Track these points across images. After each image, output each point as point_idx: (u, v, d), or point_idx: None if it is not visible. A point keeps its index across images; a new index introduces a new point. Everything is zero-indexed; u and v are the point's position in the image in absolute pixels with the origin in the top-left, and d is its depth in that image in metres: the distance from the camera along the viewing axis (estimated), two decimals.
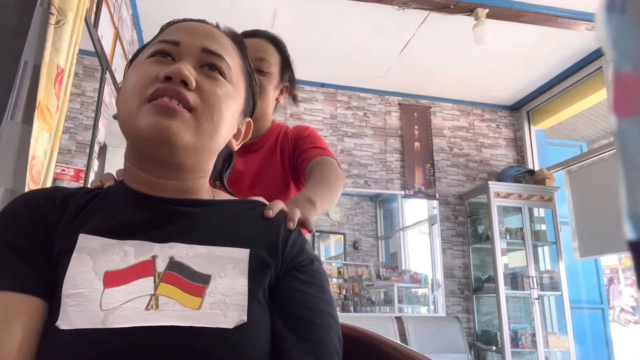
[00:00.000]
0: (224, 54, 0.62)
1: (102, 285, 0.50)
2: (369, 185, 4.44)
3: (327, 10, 3.46)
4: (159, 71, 0.57)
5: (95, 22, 2.46)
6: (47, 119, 1.50)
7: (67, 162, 2.41)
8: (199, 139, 0.58)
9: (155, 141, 0.55)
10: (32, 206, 0.56)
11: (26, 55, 1.46)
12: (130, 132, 0.58)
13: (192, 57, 0.60)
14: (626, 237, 0.23)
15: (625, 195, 0.23)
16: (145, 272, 0.52)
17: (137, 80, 0.58)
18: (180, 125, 0.55)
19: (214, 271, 0.53)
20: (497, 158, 4.81)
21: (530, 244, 4.15)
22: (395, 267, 4.74)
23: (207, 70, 0.60)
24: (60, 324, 0.47)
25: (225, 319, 0.49)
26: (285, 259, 0.58)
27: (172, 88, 0.56)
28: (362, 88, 4.65)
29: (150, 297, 0.50)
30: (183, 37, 0.61)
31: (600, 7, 0.24)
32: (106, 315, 0.47)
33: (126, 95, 0.58)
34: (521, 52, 3.93)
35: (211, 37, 0.63)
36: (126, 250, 0.53)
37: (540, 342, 3.92)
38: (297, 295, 0.56)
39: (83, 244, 0.53)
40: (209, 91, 0.59)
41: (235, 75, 0.63)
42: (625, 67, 0.23)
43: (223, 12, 3.41)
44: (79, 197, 0.59)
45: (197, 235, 0.56)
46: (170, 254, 0.54)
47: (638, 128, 0.22)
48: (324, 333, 0.54)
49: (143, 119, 0.55)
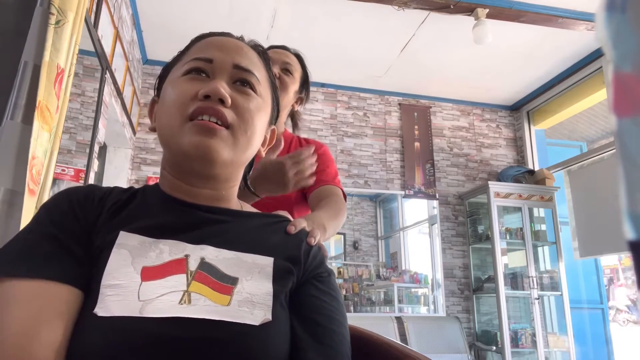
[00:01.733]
0: (253, 68, 0.67)
1: (140, 279, 0.54)
2: (369, 185, 4.44)
3: (327, 11, 3.46)
4: (196, 89, 0.62)
5: (95, 22, 2.46)
6: (47, 119, 1.50)
7: (67, 162, 2.41)
8: (235, 154, 0.63)
9: (197, 158, 0.60)
10: (74, 202, 0.60)
11: (26, 55, 1.46)
12: (172, 147, 0.63)
13: (225, 73, 0.64)
14: (626, 237, 0.23)
15: (625, 195, 0.23)
16: (179, 269, 0.56)
17: (177, 98, 0.62)
18: (219, 142, 0.60)
19: (241, 274, 0.57)
20: (497, 158, 4.81)
21: (530, 244, 4.15)
22: (395, 267, 4.74)
23: (239, 86, 0.65)
24: (98, 310, 0.50)
25: (252, 316, 0.53)
26: (307, 269, 0.62)
27: (211, 107, 0.60)
28: (362, 88, 4.65)
29: (183, 293, 0.53)
30: (215, 54, 0.65)
31: (600, 7, 0.24)
32: (143, 305, 0.51)
33: (167, 111, 0.63)
34: (521, 52, 3.93)
35: (240, 52, 0.67)
36: (161, 249, 0.57)
37: (540, 342, 3.92)
38: (316, 302, 0.60)
39: (122, 240, 0.57)
40: (243, 106, 0.63)
41: (263, 88, 0.68)
42: (625, 67, 0.23)
43: (223, 12, 3.40)
44: (115, 196, 0.63)
45: (226, 241, 0.61)
46: (201, 254, 0.58)
47: (638, 128, 0.22)
48: (339, 340, 0.58)
49: (186, 137, 0.60)
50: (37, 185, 1.47)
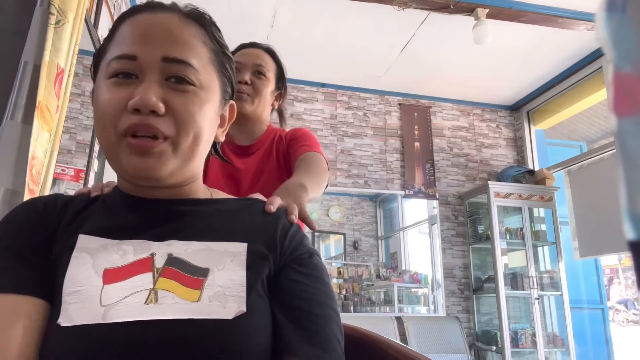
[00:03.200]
0: (189, 55, 0.58)
1: (102, 282, 0.51)
2: (369, 185, 4.44)
3: (327, 10, 3.45)
4: (125, 96, 0.55)
5: (95, 22, 2.46)
6: (47, 119, 1.50)
7: (67, 162, 2.41)
8: (181, 160, 0.58)
9: (138, 178, 0.57)
10: (30, 213, 0.58)
11: (26, 55, 1.46)
12: (114, 164, 0.58)
13: (155, 70, 0.56)
14: (626, 237, 0.23)
15: (625, 195, 0.23)
16: (144, 268, 0.53)
17: (107, 109, 0.56)
18: (157, 161, 0.55)
19: (212, 264, 0.54)
20: (497, 158, 4.81)
21: (530, 244, 4.15)
22: (395, 267, 4.74)
23: (174, 84, 0.57)
24: (61, 321, 0.48)
25: (224, 310, 0.50)
26: (284, 252, 0.59)
27: (144, 124, 0.54)
28: (362, 88, 4.65)
29: (149, 292, 0.51)
30: (139, 48, 0.56)
31: (600, 7, 0.24)
32: (106, 311, 0.48)
33: (100, 124, 0.57)
34: (521, 52, 3.93)
35: (170, 37, 0.57)
36: (125, 249, 0.55)
37: (540, 342, 3.92)
38: (296, 287, 0.57)
39: (82, 243, 0.55)
40: (180, 110, 0.56)
41: (205, 73, 0.60)
42: (625, 67, 0.23)
43: (223, 12, 3.41)
44: (77, 203, 0.61)
45: (195, 233, 0.58)
46: (168, 251, 0.55)
47: (638, 128, 0.22)
48: (324, 323, 0.55)
49: (123, 159, 0.56)
50: (37, 185, 1.47)
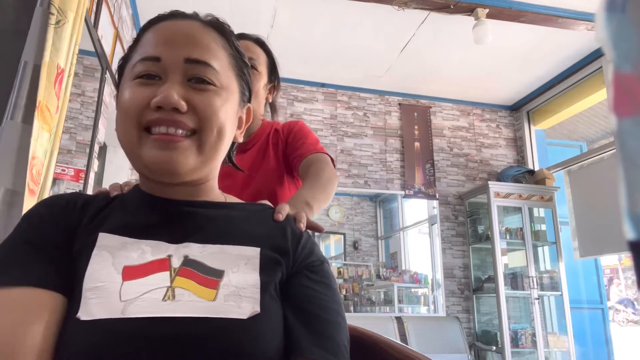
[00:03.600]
0: (209, 58, 0.61)
1: (121, 279, 0.52)
2: (369, 185, 4.44)
3: (327, 10, 3.46)
4: (148, 95, 0.57)
5: (95, 22, 2.46)
6: (47, 119, 1.50)
7: (67, 162, 2.41)
8: (203, 157, 0.60)
9: (160, 172, 0.59)
10: (54, 209, 0.59)
11: (26, 55, 1.46)
12: (134, 161, 0.61)
13: (177, 72, 0.59)
14: (626, 237, 0.23)
15: (625, 195, 0.23)
16: (162, 267, 0.55)
17: (130, 107, 0.58)
18: (179, 155, 0.57)
19: (227, 267, 0.56)
20: (497, 158, 4.81)
21: (530, 244, 4.15)
22: (395, 267, 4.74)
23: (195, 84, 0.59)
24: (81, 315, 0.49)
25: (239, 309, 0.51)
26: (297, 259, 0.61)
27: (167, 118, 0.57)
28: (362, 88, 4.65)
29: (167, 289, 0.52)
30: (163, 50, 0.59)
31: (600, 7, 0.24)
32: (125, 306, 0.50)
33: (122, 122, 0.60)
34: (521, 52, 3.93)
35: (192, 41, 0.60)
36: (144, 249, 0.56)
37: (540, 342, 3.92)
38: (308, 292, 0.58)
39: (103, 241, 0.56)
40: (203, 107, 0.59)
41: (225, 76, 0.62)
42: (625, 67, 0.23)
43: (223, 12, 3.40)
44: (97, 202, 0.63)
45: (210, 235, 0.59)
46: (184, 253, 0.57)
47: (638, 128, 0.22)
48: (334, 329, 0.56)
49: (145, 153, 0.58)
50: (37, 185, 1.47)
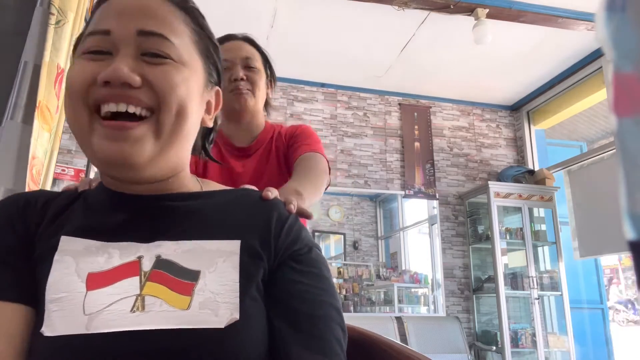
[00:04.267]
0: (165, 30, 0.54)
1: (85, 288, 0.48)
2: (369, 185, 4.44)
3: (327, 10, 3.45)
4: (95, 70, 0.51)
5: None
6: (47, 119, 1.50)
7: (67, 162, 2.41)
8: (162, 142, 0.53)
9: (111, 166, 0.52)
10: (11, 211, 0.54)
11: (26, 55, 1.46)
12: (87, 152, 0.53)
13: (129, 45, 0.52)
14: (626, 237, 0.23)
15: (625, 195, 0.23)
16: (131, 272, 0.50)
17: (74, 83, 0.52)
18: (133, 145, 0.50)
19: (203, 266, 0.51)
20: (497, 158, 4.81)
21: (530, 244, 4.15)
22: (395, 267, 4.74)
23: (149, 58, 0.53)
24: (44, 330, 0.46)
25: (216, 318, 0.47)
26: (280, 248, 0.55)
27: (116, 93, 0.50)
28: (362, 88, 4.65)
29: (135, 298, 0.48)
30: (113, 23, 0.53)
31: (600, 6, 0.24)
32: (90, 320, 0.46)
33: (69, 101, 0.52)
34: (521, 52, 3.93)
35: (146, 12, 0.54)
36: (111, 253, 0.51)
37: (540, 342, 3.92)
38: (294, 287, 0.53)
39: (65, 246, 0.51)
40: (159, 80, 0.52)
41: (185, 51, 0.56)
42: (625, 67, 0.23)
43: (223, 12, 3.41)
44: (60, 200, 0.57)
45: (184, 230, 0.54)
46: (156, 252, 0.52)
47: (638, 128, 0.22)
48: (325, 326, 0.52)
49: (95, 143, 0.51)
50: (37, 185, 1.47)
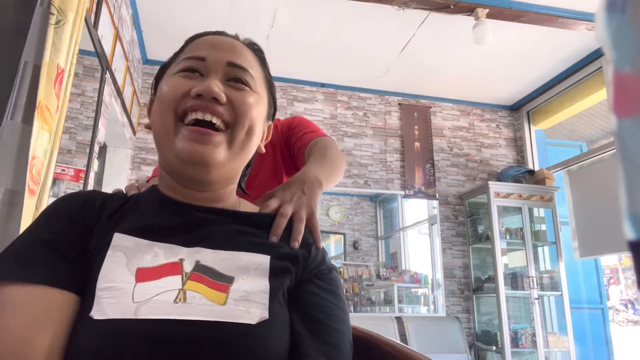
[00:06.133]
0: (247, 66, 0.66)
1: (135, 280, 0.53)
2: (369, 185, 4.44)
3: (327, 11, 3.46)
4: (189, 86, 0.61)
5: (95, 22, 2.46)
6: (47, 119, 1.50)
7: (67, 162, 2.41)
8: (233, 152, 0.63)
9: (191, 164, 0.60)
10: (72, 208, 0.60)
11: (26, 55, 1.46)
12: (166, 151, 0.62)
13: (219, 71, 0.64)
14: (626, 237, 0.23)
15: (625, 195, 0.23)
16: (174, 271, 0.56)
17: (169, 95, 0.61)
18: (213, 148, 0.60)
19: (237, 273, 0.57)
20: (497, 158, 4.81)
21: (530, 244, 4.15)
22: (395, 267, 4.74)
23: (233, 83, 0.64)
24: (94, 314, 0.50)
25: (248, 315, 0.52)
26: (308, 267, 0.62)
27: (204, 105, 0.60)
28: (362, 88, 4.65)
29: (178, 291, 0.53)
30: (208, 52, 0.64)
31: (600, 7, 0.24)
32: (138, 307, 0.50)
33: (160, 109, 0.62)
34: (521, 52, 3.93)
35: (234, 50, 0.67)
36: (157, 252, 0.57)
37: (540, 342, 3.92)
38: (316, 300, 0.60)
39: (117, 242, 0.57)
40: (239, 101, 0.63)
41: (259, 86, 0.68)
42: (625, 67, 0.23)
43: (223, 12, 3.40)
44: (114, 201, 0.64)
45: (222, 242, 0.60)
46: (196, 257, 0.58)
47: (638, 128, 0.22)
48: (339, 338, 0.57)
49: (179, 143, 0.60)
50: (37, 185, 1.47)
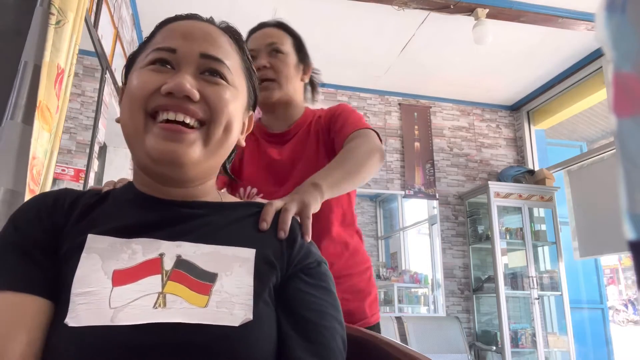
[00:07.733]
0: (223, 56, 0.61)
1: (111, 284, 0.51)
2: (369, 185, 4.44)
3: (327, 10, 3.45)
4: (159, 81, 0.57)
5: (95, 22, 2.46)
6: (47, 119, 1.50)
7: (67, 162, 2.41)
8: (208, 151, 0.59)
9: (164, 163, 0.56)
10: (41, 209, 0.57)
11: (26, 55, 1.46)
12: (137, 150, 0.58)
13: (191, 64, 0.59)
14: (626, 237, 0.23)
15: (625, 195, 0.23)
16: (153, 270, 0.53)
17: (138, 92, 0.57)
18: (186, 147, 0.56)
19: (220, 269, 0.54)
20: (497, 158, 4.81)
21: (530, 244, 4.15)
22: (395, 267, 4.73)
23: (208, 77, 0.60)
24: (69, 321, 0.48)
25: (231, 317, 0.50)
26: (292, 261, 0.59)
27: (177, 104, 0.56)
28: (362, 88, 4.65)
29: (158, 295, 0.51)
30: (179, 43, 0.60)
31: (600, 7, 0.24)
32: (115, 313, 0.48)
33: (130, 106, 0.58)
34: (521, 52, 3.93)
35: (208, 39, 0.61)
36: (134, 249, 0.54)
37: (540, 342, 3.92)
38: (304, 297, 0.57)
39: (92, 243, 0.54)
40: (214, 97, 0.59)
41: (236, 76, 0.63)
42: (625, 67, 0.23)
43: (223, 12, 3.40)
44: (86, 199, 0.60)
45: (204, 235, 0.57)
46: (177, 252, 0.55)
47: (638, 128, 0.22)
48: (330, 336, 0.55)
49: (150, 142, 0.56)
50: (38, 185, 1.47)
